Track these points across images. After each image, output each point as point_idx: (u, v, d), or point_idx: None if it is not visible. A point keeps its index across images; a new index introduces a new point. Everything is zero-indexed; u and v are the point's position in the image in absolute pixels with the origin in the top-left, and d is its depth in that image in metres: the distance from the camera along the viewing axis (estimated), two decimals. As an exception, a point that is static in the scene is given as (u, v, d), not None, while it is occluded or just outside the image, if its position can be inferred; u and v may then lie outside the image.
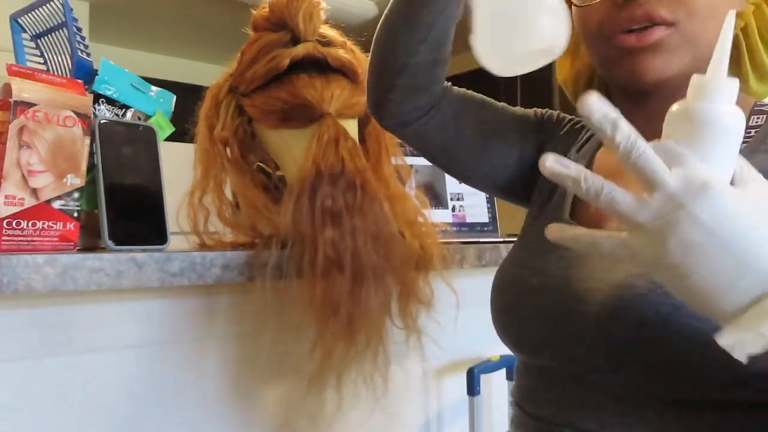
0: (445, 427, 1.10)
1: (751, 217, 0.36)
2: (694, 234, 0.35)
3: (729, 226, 0.35)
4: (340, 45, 0.84)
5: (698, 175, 0.36)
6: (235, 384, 0.85)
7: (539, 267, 0.60)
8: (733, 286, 0.36)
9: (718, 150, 0.38)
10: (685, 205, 0.36)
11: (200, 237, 0.84)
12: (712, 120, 0.38)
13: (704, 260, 0.36)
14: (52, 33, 0.87)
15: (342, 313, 0.75)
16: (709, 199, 0.35)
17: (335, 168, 0.77)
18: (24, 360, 0.69)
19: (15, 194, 0.65)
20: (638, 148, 0.36)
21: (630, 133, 0.36)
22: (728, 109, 0.38)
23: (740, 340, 0.35)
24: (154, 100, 0.85)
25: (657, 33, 0.55)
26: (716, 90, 0.38)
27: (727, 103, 0.38)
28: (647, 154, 0.36)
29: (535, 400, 0.60)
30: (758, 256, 0.36)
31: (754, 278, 0.36)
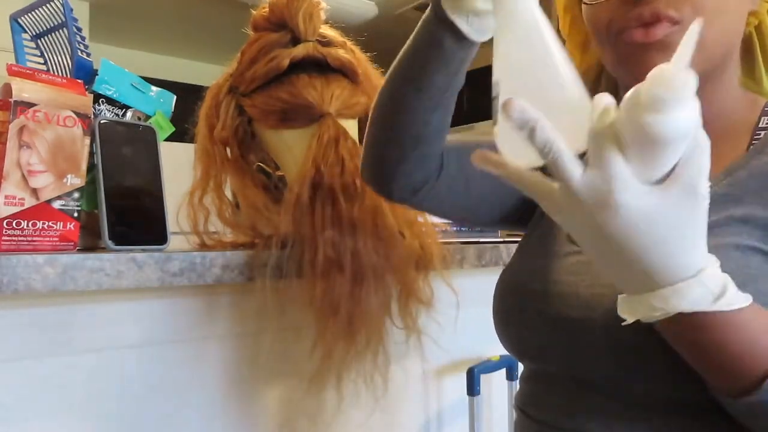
0: (445, 427, 1.10)
1: (647, 230, 0.39)
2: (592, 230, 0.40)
3: (621, 235, 0.39)
4: (340, 45, 0.84)
5: (603, 185, 0.38)
6: (235, 384, 0.85)
7: (541, 273, 0.60)
8: (622, 278, 0.42)
9: (656, 156, 0.38)
10: (586, 209, 0.39)
11: (200, 237, 0.84)
12: (656, 134, 0.37)
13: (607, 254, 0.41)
14: (52, 33, 0.87)
15: (342, 313, 0.75)
16: (604, 213, 0.39)
17: (335, 168, 0.77)
18: (24, 360, 0.69)
19: (15, 194, 0.65)
20: (553, 153, 0.38)
21: (548, 136, 0.38)
22: (676, 118, 0.37)
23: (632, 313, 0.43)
24: (154, 100, 0.85)
25: (661, 29, 0.54)
26: (668, 100, 0.37)
27: (677, 110, 0.37)
28: (562, 156, 0.38)
29: (539, 404, 0.60)
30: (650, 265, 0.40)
31: (638, 278, 0.41)
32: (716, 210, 0.52)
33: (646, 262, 0.40)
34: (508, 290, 0.63)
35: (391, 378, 0.82)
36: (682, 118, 0.37)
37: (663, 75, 0.37)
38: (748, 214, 0.51)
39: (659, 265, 0.40)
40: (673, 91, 0.36)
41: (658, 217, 0.39)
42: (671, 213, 0.39)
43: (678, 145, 0.38)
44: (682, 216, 0.39)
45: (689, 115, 0.37)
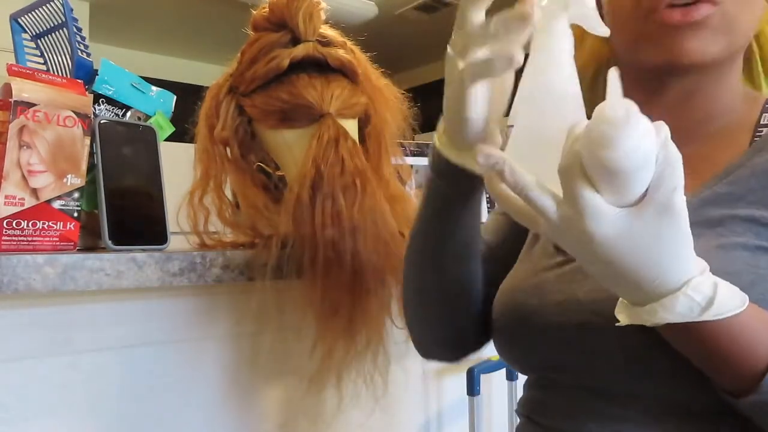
0: (445, 427, 1.10)
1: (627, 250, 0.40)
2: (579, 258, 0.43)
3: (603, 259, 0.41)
4: (340, 45, 0.84)
5: (577, 220, 0.40)
6: (235, 384, 0.85)
7: (537, 287, 0.58)
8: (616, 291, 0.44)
9: (621, 181, 0.39)
10: (563, 237, 0.42)
11: (200, 237, 0.84)
12: (615, 168, 0.38)
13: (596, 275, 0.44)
14: (52, 33, 0.87)
15: (342, 313, 0.75)
16: (583, 241, 0.40)
17: (335, 168, 0.77)
18: (24, 360, 0.69)
19: (15, 194, 0.65)
20: (523, 189, 0.41)
21: (516, 176, 0.41)
22: (629, 150, 0.37)
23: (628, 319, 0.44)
24: (154, 100, 0.85)
25: (704, 9, 0.52)
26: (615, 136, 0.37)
27: (629, 142, 0.37)
28: (533, 194, 0.41)
29: (546, 412, 0.59)
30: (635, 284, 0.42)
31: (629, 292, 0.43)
32: (719, 208, 0.52)
33: (632, 279, 0.41)
34: (506, 309, 0.61)
35: (391, 378, 0.82)
36: (635, 149, 0.37)
37: (603, 113, 0.38)
38: (754, 214, 0.50)
39: (644, 281, 0.41)
40: (616, 127, 0.37)
41: (635, 240, 0.40)
42: (648, 233, 0.40)
43: (642, 172, 0.39)
44: (659, 234, 0.40)
45: (642, 143, 0.38)
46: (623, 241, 0.40)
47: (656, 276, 0.41)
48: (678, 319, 0.41)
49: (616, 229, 0.40)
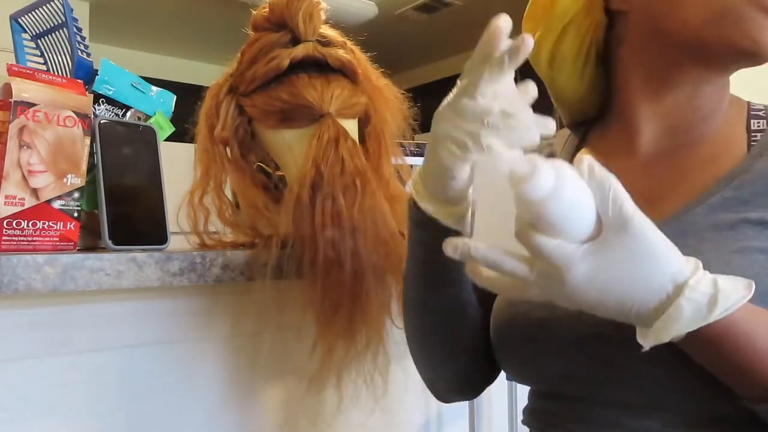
0: (445, 428, 1.10)
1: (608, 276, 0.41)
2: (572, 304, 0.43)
3: (593, 292, 0.42)
4: (340, 45, 0.84)
5: (552, 270, 0.41)
6: (235, 384, 0.85)
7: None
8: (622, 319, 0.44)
9: (566, 224, 0.41)
10: (551, 292, 0.43)
11: (200, 237, 0.84)
12: (546, 214, 0.40)
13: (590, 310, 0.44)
14: (52, 33, 0.87)
15: (342, 313, 0.75)
16: (566, 286, 0.41)
17: (335, 168, 0.77)
18: (24, 360, 0.69)
19: (15, 194, 0.65)
20: (496, 263, 0.43)
21: (485, 254, 0.43)
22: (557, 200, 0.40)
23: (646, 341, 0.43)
24: (154, 100, 0.85)
25: None
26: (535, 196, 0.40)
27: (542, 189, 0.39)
28: (505, 265, 0.43)
29: (562, 424, 0.58)
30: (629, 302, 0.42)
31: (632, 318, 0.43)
32: (730, 213, 0.51)
33: (626, 305, 0.42)
34: (510, 323, 0.60)
35: (391, 378, 0.81)
36: (555, 193, 0.40)
37: (513, 175, 0.41)
38: (764, 218, 0.50)
39: (641, 301, 0.41)
40: (527, 182, 0.39)
41: (612, 264, 0.41)
42: (620, 254, 0.40)
43: (579, 208, 0.41)
44: (631, 250, 0.41)
45: (561, 185, 0.40)
46: (602, 270, 0.41)
47: (648, 290, 0.41)
48: (690, 326, 0.40)
49: (590, 262, 0.41)
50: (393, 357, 0.82)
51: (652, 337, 0.42)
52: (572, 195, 0.40)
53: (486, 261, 0.43)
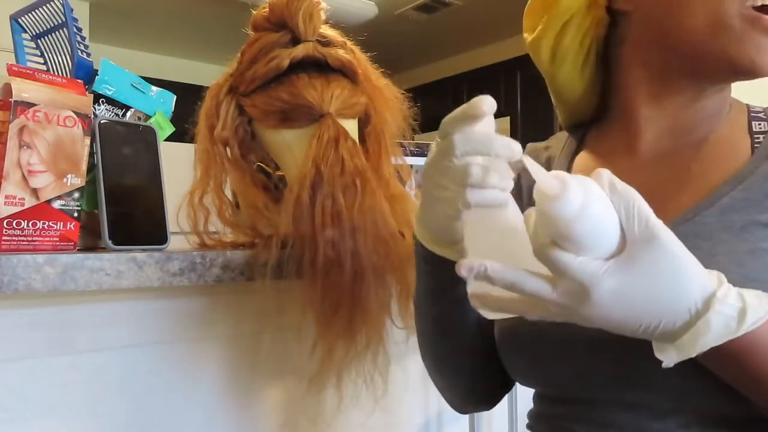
0: (445, 428, 1.10)
1: (634, 291, 0.40)
2: (595, 323, 0.42)
3: (619, 309, 0.41)
4: (340, 45, 0.84)
5: (577, 287, 0.40)
6: (235, 384, 0.85)
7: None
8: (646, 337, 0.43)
9: (590, 241, 0.40)
10: (576, 311, 0.41)
11: (200, 237, 0.84)
12: (573, 233, 0.40)
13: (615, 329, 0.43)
14: (52, 33, 0.87)
15: (342, 313, 0.75)
16: (591, 303, 0.41)
17: (335, 168, 0.77)
18: (24, 360, 0.69)
19: (15, 194, 0.65)
20: (516, 283, 0.42)
21: (503, 275, 0.41)
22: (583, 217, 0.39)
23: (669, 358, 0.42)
24: (154, 100, 0.85)
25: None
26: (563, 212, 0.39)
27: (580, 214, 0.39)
28: (527, 285, 0.42)
29: (569, 427, 0.57)
30: (657, 319, 0.41)
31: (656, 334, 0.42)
32: (740, 214, 0.51)
33: (653, 321, 0.41)
34: (517, 328, 0.60)
35: (391, 378, 0.81)
36: (583, 211, 0.39)
37: (541, 192, 0.40)
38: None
39: (668, 316, 0.41)
40: (557, 200, 0.39)
41: (638, 282, 0.40)
42: (647, 271, 0.40)
43: (604, 224, 0.40)
44: (658, 266, 0.40)
45: (587, 202, 0.39)
46: (628, 286, 0.40)
47: (677, 305, 0.40)
48: (719, 339, 0.40)
49: (616, 278, 0.40)
50: (393, 357, 0.82)
51: (678, 352, 0.41)
52: (599, 212, 0.40)
53: (504, 281, 0.42)
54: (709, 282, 0.41)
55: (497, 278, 0.42)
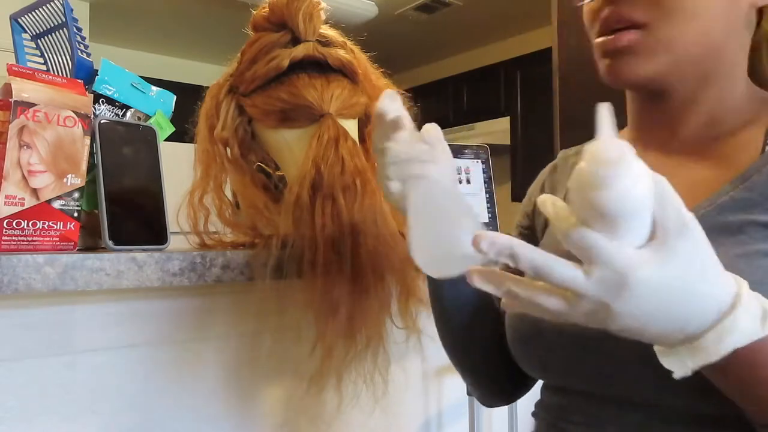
0: (445, 427, 1.10)
1: (672, 285, 0.38)
2: (625, 320, 0.39)
3: (653, 302, 0.38)
4: (340, 45, 0.84)
5: (613, 275, 0.37)
6: (235, 384, 0.85)
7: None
8: (668, 339, 0.40)
9: (627, 225, 0.37)
10: (609, 303, 0.38)
11: (200, 237, 0.84)
12: (614, 208, 0.36)
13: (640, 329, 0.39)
14: (52, 33, 0.87)
15: (342, 313, 0.75)
16: (628, 294, 0.37)
17: (335, 168, 0.77)
18: (24, 360, 0.69)
19: (15, 194, 0.65)
20: (542, 267, 0.38)
21: (531, 258, 0.38)
22: (626, 189, 0.36)
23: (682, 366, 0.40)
24: (154, 100, 0.85)
25: (626, 37, 0.54)
26: (611, 176, 0.36)
27: (625, 181, 0.36)
28: (555, 271, 0.38)
29: (568, 418, 0.58)
30: (687, 316, 0.38)
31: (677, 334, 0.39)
32: (738, 214, 0.51)
33: (681, 316, 0.38)
34: (519, 317, 0.61)
35: (391, 378, 0.81)
36: (632, 187, 0.36)
37: (595, 155, 0.36)
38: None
39: (697, 312, 0.38)
40: (612, 166, 0.35)
41: (675, 274, 0.37)
42: (683, 263, 0.37)
43: (644, 210, 0.37)
44: (691, 258, 0.38)
45: (637, 183, 0.36)
46: (667, 277, 0.37)
47: (710, 299, 0.38)
48: (746, 338, 0.38)
49: (655, 268, 0.37)
50: (393, 357, 0.82)
51: (696, 356, 0.39)
52: (646, 192, 0.36)
53: (534, 266, 0.38)
54: (732, 280, 0.40)
55: (524, 258, 0.38)
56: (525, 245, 0.38)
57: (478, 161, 1.29)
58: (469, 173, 1.26)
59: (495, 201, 1.29)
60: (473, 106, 4.39)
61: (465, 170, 1.24)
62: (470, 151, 1.28)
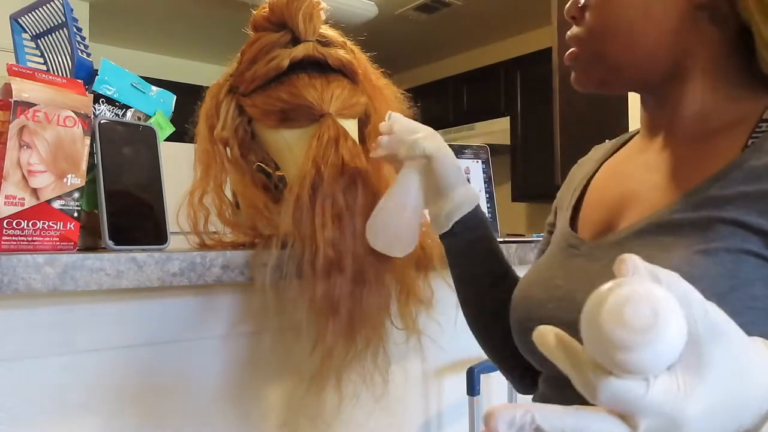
0: (445, 427, 1.10)
1: (724, 404, 0.34)
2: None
3: (708, 428, 0.33)
4: (340, 45, 0.84)
5: (664, 423, 0.33)
6: (235, 384, 0.85)
7: (544, 281, 0.61)
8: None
9: (664, 361, 0.32)
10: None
11: (200, 237, 0.84)
12: (646, 367, 0.31)
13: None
14: (52, 33, 0.87)
15: (342, 313, 0.75)
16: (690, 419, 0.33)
17: (335, 168, 0.77)
18: (24, 360, 0.69)
19: (15, 194, 0.65)
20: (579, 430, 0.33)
21: (561, 427, 0.33)
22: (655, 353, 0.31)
23: None
24: (154, 100, 0.85)
25: (571, 53, 0.63)
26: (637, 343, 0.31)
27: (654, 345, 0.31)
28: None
29: None
30: (741, 421, 0.35)
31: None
32: (708, 211, 0.51)
33: (736, 424, 0.35)
34: (517, 301, 0.65)
35: (391, 378, 0.82)
36: (665, 345, 0.31)
37: (621, 315, 0.31)
38: (742, 218, 0.49)
39: (752, 412, 0.35)
40: (642, 334, 0.30)
41: (722, 387, 0.34)
42: (723, 371, 0.34)
43: (677, 352, 0.32)
44: (731, 362, 0.34)
45: (674, 335, 0.31)
46: (715, 397, 0.33)
47: (758, 389, 0.35)
48: None
49: (699, 394, 0.33)
50: (393, 357, 0.82)
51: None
52: (681, 340, 0.32)
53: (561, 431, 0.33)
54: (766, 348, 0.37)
55: (551, 429, 0.33)
56: (548, 410, 0.33)
57: (478, 161, 1.29)
58: (469, 173, 1.26)
59: (495, 201, 1.29)
60: (473, 106, 4.39)
61: (465, 170, 1.24)
62: (470, 151, 1.28)
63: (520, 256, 1.07)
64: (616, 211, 0.61)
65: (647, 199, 0.58)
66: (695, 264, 0.48)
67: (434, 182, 0.71)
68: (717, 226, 0.50)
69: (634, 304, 0.31)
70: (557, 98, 2.68)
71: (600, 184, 0.68)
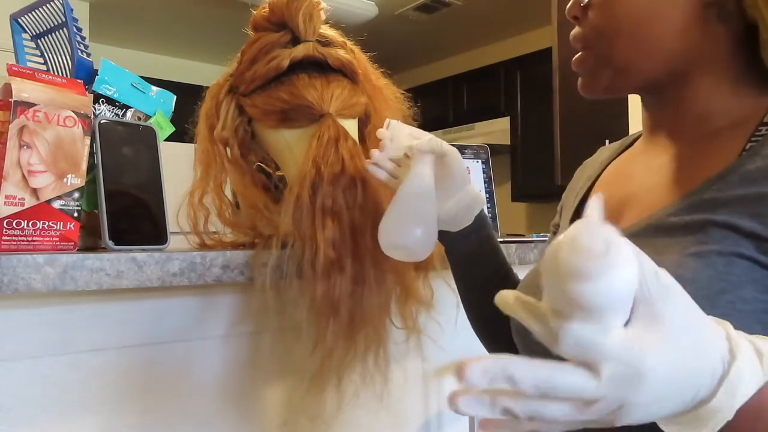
0: (445, 427, 1.10)
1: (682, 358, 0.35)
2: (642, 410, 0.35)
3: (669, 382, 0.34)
4: (340, 45, 0.84)
5: (625, 369, 0.33)
6: (235, 384, 0.85)
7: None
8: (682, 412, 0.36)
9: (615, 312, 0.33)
10: (628, 399, 0.34)
11: (200, 237, 0.84)
12: (600, 302, 0.32)
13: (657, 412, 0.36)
14: (52, 33, 0.87)
15: (342, 313, 0.75)
16: (645, 384, 0.34)
17: (335, 168, 0.77)
18: (24, 360, 0.69)
19: (15, 194, 0.65)
20: (543, 382, 0.34)
21: (533, 376, 0.34)
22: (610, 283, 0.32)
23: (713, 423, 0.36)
24: (154, 100, 0.85)
25: (577, 58, 0.62)
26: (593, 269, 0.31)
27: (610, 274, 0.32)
28: (559, 384, 0.34)
29: None
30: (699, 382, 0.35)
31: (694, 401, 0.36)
32: (702, 214, 0.51)
33: (695, 384, 0.35)
34: None
35: (391, 378, 0.82)
36: (620, 277, 0.32)
37: (577, 241, 0.32)
38: (735, 222, 0.49)
39: (707, 373, 0.36)
40: (596, 257, 0.31)
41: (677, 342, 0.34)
42: (679, 328, 0.35)
43: (631, 294, 0.33)
44: (685, 319, 0.35)
45: (626, 270, 0.32)
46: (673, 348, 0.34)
47: (713, 353, 0.36)
48: (754, 385, 0.36)
49: (657, 345, 0.34)
50: (393, 357, 0.82)
51: (712, 419, 0.36)
52: (633, 279, 0.33)
53: (536, 384, 0.34)
54: (719, 326, 0.37)
55: (524, 378, 0.34)
56: (522, 362, 0.34)
57: (478, 161, 1.29)
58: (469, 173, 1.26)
59: (495, 201, 1.29)
60: (473, 106, 4.39)
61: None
62: (470, 151, 1.28)
63: (520, 256, 1.07)
64: (616, 213, 0.61)
65: (646, 200, 0.58)
66: (686, 266, 0.48)
67: (448, 178, 0.71)
68: (710, 229, 0.50)
69: (588, 234, 0.32)
70: (557, 98, 2.68)
71: (603, 187, 0.68)
